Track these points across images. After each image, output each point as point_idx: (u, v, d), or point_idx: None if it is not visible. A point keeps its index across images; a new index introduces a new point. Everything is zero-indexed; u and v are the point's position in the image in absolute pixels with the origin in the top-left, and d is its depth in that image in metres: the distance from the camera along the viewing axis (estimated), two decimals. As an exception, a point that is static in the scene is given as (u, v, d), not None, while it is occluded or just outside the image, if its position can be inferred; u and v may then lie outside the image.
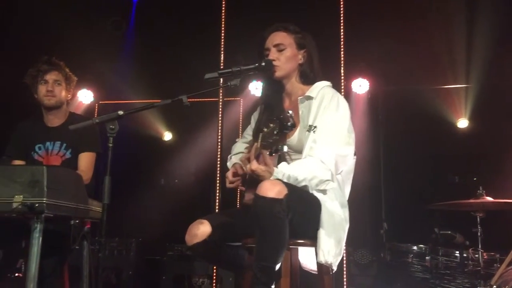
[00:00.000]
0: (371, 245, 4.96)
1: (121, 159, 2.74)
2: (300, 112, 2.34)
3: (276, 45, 2.38)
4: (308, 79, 2.42)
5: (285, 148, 1.99)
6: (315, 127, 2.24)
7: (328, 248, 2.13)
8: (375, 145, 5.57)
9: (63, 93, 2.97)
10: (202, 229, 2.24)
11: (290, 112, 1.93)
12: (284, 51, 2.38)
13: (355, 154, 2.34)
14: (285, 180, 2.11)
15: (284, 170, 2.13)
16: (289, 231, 2.04)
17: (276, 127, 1.92)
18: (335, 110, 2.28)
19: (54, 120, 2.99)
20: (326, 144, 2.19)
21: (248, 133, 2.62)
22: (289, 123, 1.89)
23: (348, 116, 2.31)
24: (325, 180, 2.17)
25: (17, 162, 2.94)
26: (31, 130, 3.00)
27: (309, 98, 2.34)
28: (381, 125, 5.63)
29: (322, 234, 2.15)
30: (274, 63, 2.35)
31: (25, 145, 2.95)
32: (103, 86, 6.23)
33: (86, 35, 5.42)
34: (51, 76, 2.94)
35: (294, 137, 2.32)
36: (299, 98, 2.37)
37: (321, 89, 2.35)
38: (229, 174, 2.38)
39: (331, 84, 2.42)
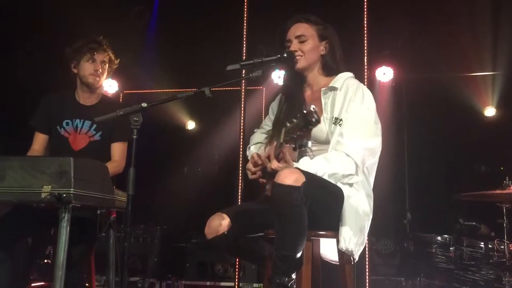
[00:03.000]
0: (394, 235, 4.94)
1: (145, 148, 2.78)
2: (323, 103, 2.33)
3: (297, 37, 2.38)
4: (330, 70, 2.41)
5: (310, 144, 1.98)
6: (341, 120, 2.24)
7: (349, 235, 2.13)
8: (400, 134, 5.51)
9: (105, 75, 2.96)
10: (221, 222, 2.26)
11: (314, 107, 1.92)
12: (306, 43, 2.38)
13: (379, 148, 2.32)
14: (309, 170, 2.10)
15: (304, 166, 2.13)
16: (309, 221, 2.04)
17: (300, 122, 1.90)
18: (361, 102, 2.27)
19: (88, 99, 2.95)
20: (353, 138, 2.19)
21: (267, 124, 2.62)
22: (313, 119, 1.87)
23: (373, 107, 2.30)
24: (347, 174, 2.17)
25: (41, 135, 2.91)
26: (60, 103, 2.94)
27: (333, 89, 2.33)
28: (406, 113, 5.57)
29: (344, 222, 2.15)
30: (296, 54, 2.35)
31: (52, 118, 2.91)
32: (128, 76, 6.29)
33: (110, 25, 5.47)
34: (100, 57, 2.89)
35: (316, 128, 2.31)
36: (322, 89, 2.35)
37: (345, 80, 2.34)
38: (250, 166, 2.38)
39: (353, 75, 2.41)
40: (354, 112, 2.24)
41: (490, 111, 5.67)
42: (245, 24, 4.67)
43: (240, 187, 4.75)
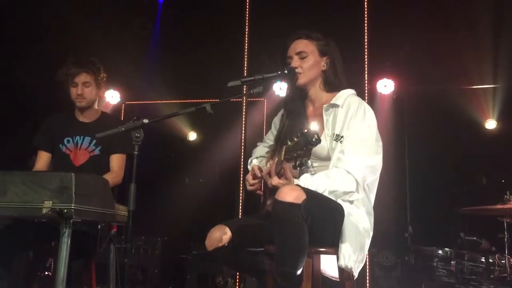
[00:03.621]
0: (395, 247, 4.92)
1: (147, 159, 2.79)
2: (324, 120, 2.33)
3: (298, 53, 2.39)
4: (332, 86, 2.42)
5: (310, 163, 1.98)
6: (342, 137, 2.23)
7: (349, 252, 2.13)
8: (401, 147, 5.51)
9: (93, 93, 2.98)
10: (221, 235, 2.26)
11: (316, 127, 1.93)
12: (307, 59, 2.38)
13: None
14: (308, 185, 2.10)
15: (305, 183, 2.13)
16: (309, 238, 2.04)
17: (301, 141, 1.90)
18: (362, 119, 2.27)
19: (86, 117, 3.02)
20: (354, 155, 2.18)
21: (269, 138, 2.63)
22: (313, 139, 1.87)
23: (375, 125, 2.30)
24: (348, 191, 2.17)
25: (44, 154, 2.97)
26: (61, 122, 3.02)
27: (335, 106, 2.33)
28: (407, 126, 5.57)
29: (344, 239, 2.15)
30: (297, 70, 2.37)
31: (54, 137, 2.97)
32: (130, 87, 6.32)
33: (113, 36, 5.52)
34: (79, 79, 2.93)
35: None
36: (324, 106, 2.36)
37: (347, 97, 2.35)
38: (249, 177, 2.39)
39: (355, 92, 2.41)
40: (355, 130, 2.24)
41: (491, 124, 5.67)
42: (246, 37, 4.70)
43: (241, 198, 4.77)
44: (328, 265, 2.34)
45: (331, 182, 2.15)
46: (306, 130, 1.90)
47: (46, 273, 4.03)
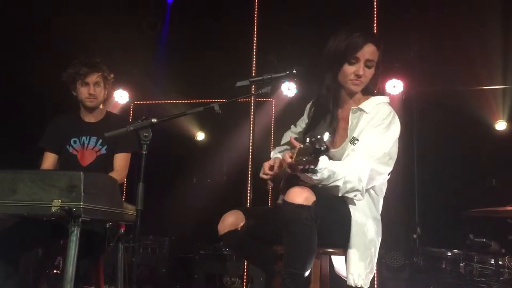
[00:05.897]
0: (403, 248, 4.90)
1: (155, 159, 2.80)
2: (349, 123, 2.28)
3: (367, 60, 2.26)
4: (367, 91, 2.36)
5: (316, 171, 1.93)
6: (357, 139, 2.18)
7: (358, 271, 2.12)
8: (409, 147, 5.47)
9: (102, 93, 3.02)
10: (235, 219, 2.27)
11: (327, 135, 1.87)
12: (371, 70, 2.29)
13: (389, 174, 2.27)
14: (324, 173, 2.04)
15: (326, 164, 2.05)
16: (318, 239, 2.04)
17: (310, 148, 1.85)
18: (385, 130, 2.20)
19: (92, 117, 3.04)
20: (364, 157, 2.13)
21: (300, 125, 2.61)
22: (322, 147, 1.82)
23: (395, 139, 2.22)
24: (355, 189, 2.12)
25: (50, 155, 3.00)
26: (67, 124, 3.05)
27: (361, 110, 2.27)
28: (416, 127, 5.53)
29: (352, 256, 2.14)
30: (360, 79, 2.26)
31: (60, 138, 3.00)
32: (138, 87, 6.35)
33: (122, 36, 5.54)
34: (91, 79, 2.96)
35: (339, 149, 2.27)
36: (352, 108, 2.30)
37: (378, 104, 2.27)
38: (266, 166, 2.35)
39: (389, 100, 2.33)
40: (373, 136, 2.18)
41: (501, 125, 5.63)
42: (255, 37, 4.70)
43: (248, 198, 4.77)
44: (340, 264, 2.33)
45: (345, 173, 2.08)
46: (318, 137, 1.84)
47: (55, 271, 4.05)
